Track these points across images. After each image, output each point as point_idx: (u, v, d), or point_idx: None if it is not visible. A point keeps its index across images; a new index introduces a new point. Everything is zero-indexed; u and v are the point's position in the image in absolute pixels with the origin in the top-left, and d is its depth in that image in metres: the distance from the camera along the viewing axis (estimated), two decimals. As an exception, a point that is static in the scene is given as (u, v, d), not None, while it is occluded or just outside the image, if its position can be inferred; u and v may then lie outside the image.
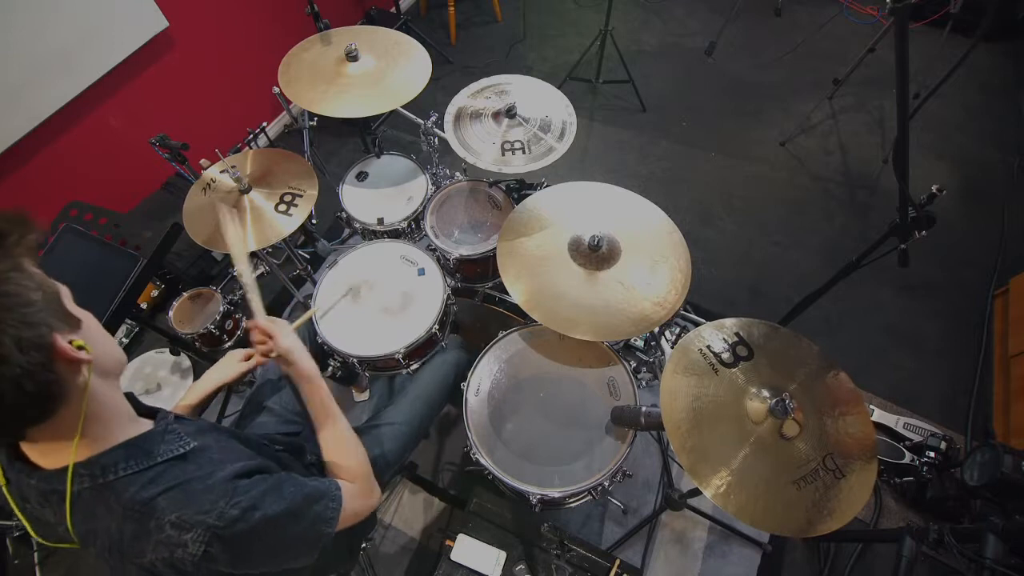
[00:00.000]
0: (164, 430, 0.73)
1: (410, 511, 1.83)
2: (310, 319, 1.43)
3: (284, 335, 1.03)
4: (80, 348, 0.61)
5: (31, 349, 0.55)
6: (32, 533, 0.70)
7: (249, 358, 1.16)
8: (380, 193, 1.82)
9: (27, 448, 0.67)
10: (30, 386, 0.56)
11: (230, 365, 1.14)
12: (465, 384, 1.39)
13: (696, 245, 2.41)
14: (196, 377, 2.12)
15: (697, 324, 1.61)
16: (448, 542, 1.35)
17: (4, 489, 0.70)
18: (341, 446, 1.00)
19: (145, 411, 0.79)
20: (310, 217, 1.62)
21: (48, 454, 0.66)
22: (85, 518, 0.67)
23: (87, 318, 0.67)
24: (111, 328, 1.69)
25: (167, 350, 2.19)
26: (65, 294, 0.64)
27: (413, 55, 1.69)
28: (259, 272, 2.39)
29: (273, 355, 1.04)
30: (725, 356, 1.11)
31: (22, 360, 0.54)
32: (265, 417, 1.29)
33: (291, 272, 2.08)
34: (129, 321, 2.23)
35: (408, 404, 1.39)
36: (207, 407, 1.14)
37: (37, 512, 0.70)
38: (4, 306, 0.54)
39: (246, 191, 1.48)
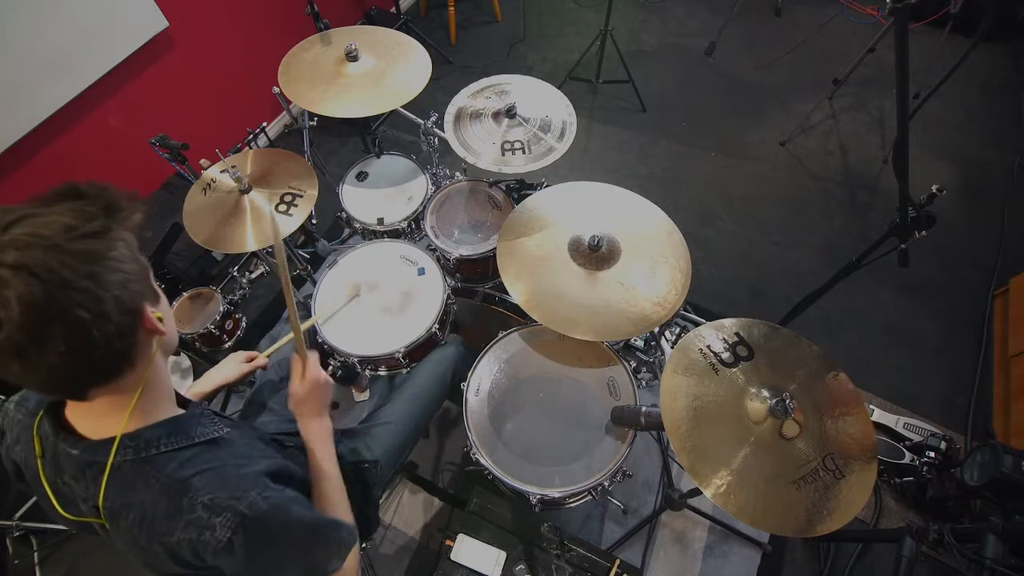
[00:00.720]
0: (200, 414, 0.77)
1: (410, 511, 1.83)
2: (312, 325, 1.43)
3: (296, 397, 0.99)
4: (159, 320, 0.66)
5: (126, 312, 0.60)
6: (56, 505, 0.71)
7: (251, 360, 1.16)
8: (380, 193, 1.82)
9: (76, 413, 0.70)
10: (118, 343, 0.61)
11: (232, 366, 1.15)
12: (465, 384, 1.39)
13: (696, 245, 2.41)
14: (196, 377, 2.12)
15: (697, 324, 1.61)
16: (448, 542, 1.35)
17: (38, 462, 0.71)
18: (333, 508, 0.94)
19: (179, 401, 0.81)
20: (310, 217, 1.62)
21: (99, 419, 0.69)
22: (121, 491, 0.68)
23: (163, 297, 0.71)
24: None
25: (167, 350, 2.18)
26: (150, 272, 0.68)
27: (413, 55, 1.69)
28: (259, 272, 2.40)
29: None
30: (725, 356, 1.11)
31: (119, 320, 0.59)
32: (266, 417, 1.29)
33: (291, 272, 2.08)
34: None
35: (405, 402, 1.39)
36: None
37: (66, 488, 0.72)
38: (112, 268, 0.58)
39: (246, 191, 1.48)
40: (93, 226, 0.58)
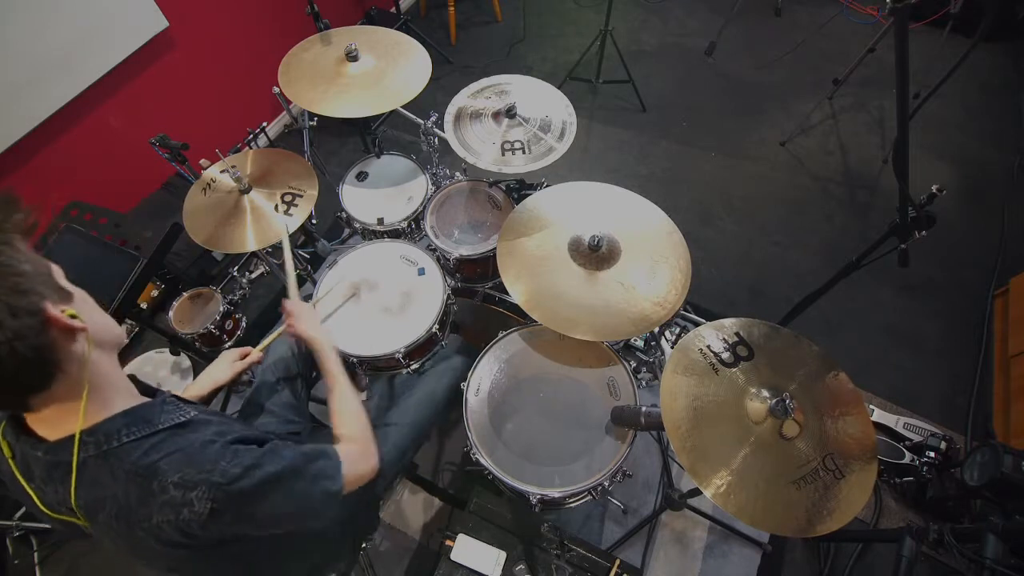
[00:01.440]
0: (163, 401, 0.76)
1: (410, 511, 1.83)
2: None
3: (302, 319, 1.14)
4: (72, 317, 0.64)
5: (23, 315, 0.58)
6: (39, 504, 0.71)
7: (243, 357, 1.16)
8: (380, 193, 1.82)
9: (32, 421, 0.70)
10: (25, 350, 0.59)
11: (224, 366, 1.16)
12: (465, 384, 1.39)
13: (696, 245, 2.41)
14: (196, 377, 2.13)
15: (697, 324, 1.61)
16: (448, 542, 1.35)
17: (10, 462, 0.71)
18: (343, 410, 1.03)
19: (145, 392, 0.81)
20: (310, 217, 1.62)
21: (52, 425, 0.69)
22: (91, 487, 0.69)
23: (79, 293, 0.69)
24: (111, 328, 1.69)
25: (167, 350, 2.19)
26: (56, 271, 0.67)
27: (413, 55, 1.69)
28: (259, 272, 2.40)
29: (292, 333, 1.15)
30: (725, 356, 1.11)
31: (15, 324, 0.57)
32: (265, 418, 1.29)
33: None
34: (129, 321, 2.23)
35: (413, 406, 1.39)
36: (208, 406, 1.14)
37: (39, 492, 0.71)
38: (4, 272, 0.58)
39: (246, 191, 1.48)
40: None
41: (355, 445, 0.96)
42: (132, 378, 0.78)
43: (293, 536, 0.88)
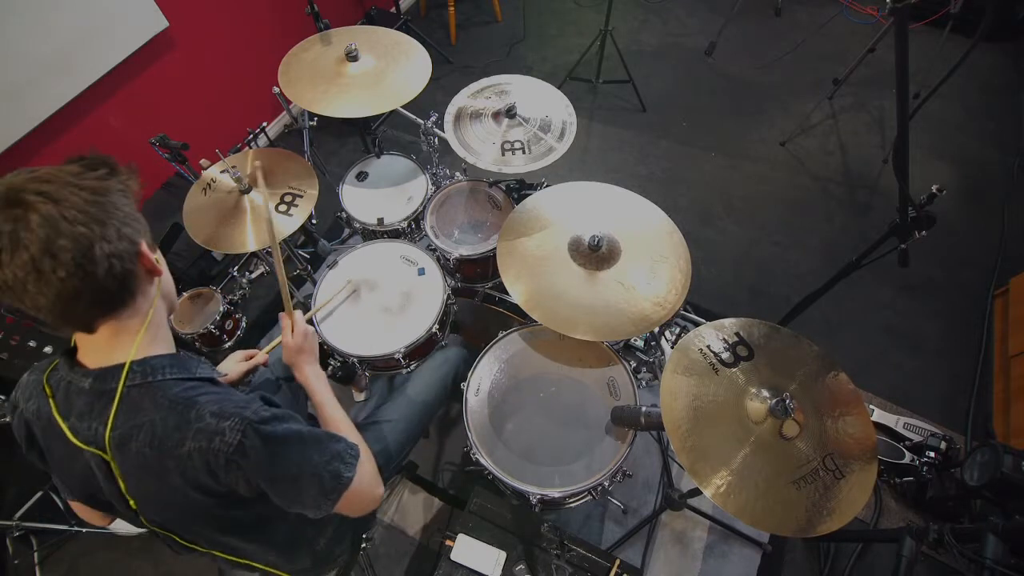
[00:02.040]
0: (199, 360, 0.83)
1: (410, 511, 1.83)
2: (311, 320, 1.44)
3: (295, 352, 1.11)
4: (158, 259, 0.76)
5: (126, 241, 0.70)
6: (72, 438, 0.75)
7: (250, 358, 1.17)
8: (380, 193, 1.82)
9: (85, 346, 0.77)
10: (118, 267, 0.68)
11: (231, 365, 1.17)
12: (465, 384, 1.39)
13: (696, 245, 2.41)
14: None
15: (697, 324, 1.61)
16: (448, 542, 1.35)
17: (50, 401, 0.76)
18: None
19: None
20: (310, 217, 1.62)
21: (106, 351, 0.75)
22: (130, 415, 0.73)
23: (159, 254, 0.80)
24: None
25: (167, 350, 2.18)
26: (147, 227, 0.77)
27: (413, 55, 1.69)
28: (259, 272, 2.39)
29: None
30: (725, 356, 1.11)
31: (119, 245, 0.68)
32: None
33: (291, 272, 2.08)
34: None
35: (406, 402, 1.39)
36: None
37: (74, 428, 0.75)
38: (115, 205, 0.69)
39: (246, 191, 1.48)
40: (98, 173, 0.71)
41: (369, 465, 0.95)
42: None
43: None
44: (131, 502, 0.78)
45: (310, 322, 1.45)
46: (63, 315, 0.69)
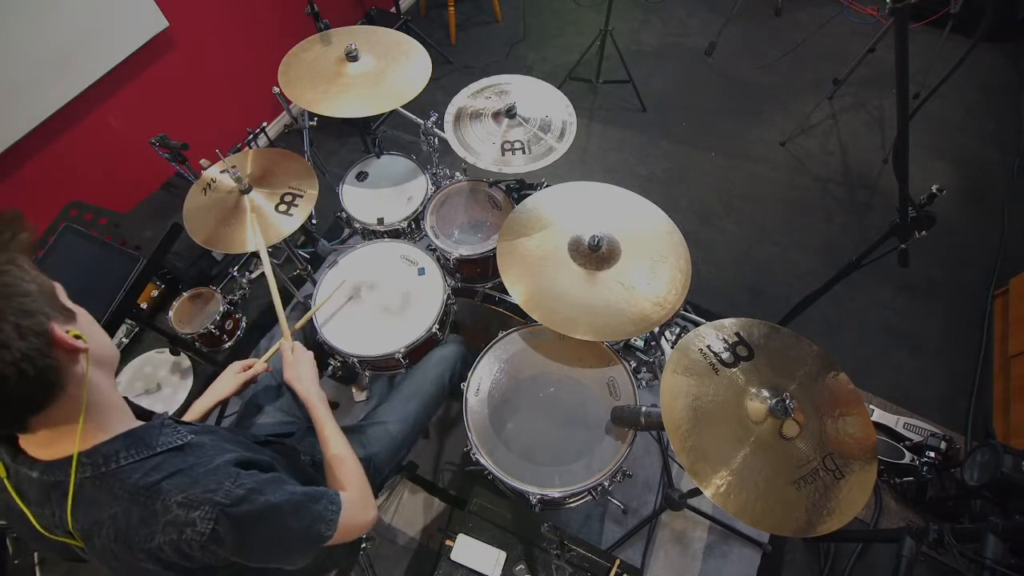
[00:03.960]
0: (161, 424, 0.75)
1: (410, 511, 1.83)
2: (311, 319, 1.44)
3: (293, 367, 1.14)
4: (77, 337, 0.64)
5: (30, 335, 0.58)
6: (36, 525, 0.70)
7: (247, 368, 1.17)
8: (380, 193, 1.82)
9: (28, 442, 0.68)
10: (31, 370, 0.58)
11: (229, 379, 1.15)
12: (465, 384, 1.39)
13: (696, 245, 2.42)
14: (196, 377, 2.13)
15: (697, 324, 1.61)
16: (448, 542, 1.35)
17: (5, 480, 0.70)
18: (340, 457, 1.01)
19: (141, 415, 0.79)
20: (310, 217, 1.62)
21: (49, 445, 0.67)
22: (88, 509, 0.67)
23: (80, 312, 0.69)
24: (111, 328, 1.69)
25: (167, 350, 2.19)
26: (59, 290, 0.67)
27: (413, 55, 1.69)
28: (259, 272, 2.39)
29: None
30: (725, 356, 1.11)
31: (22, 345, 0.57)
32: (263, 418, 1.29)
33: (291, 272, 2.08)
34: (129, 321, 2.23)
35: (403, 402, 1.39)
36: (207, 419, 1.15)
37: (38, 513, 0.70)
38: (3, 295, 0.58)
39: (246, 191, 1.48)
40: None
41: (355, 493, 0.95)
42: (125, 400, 0.77)
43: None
44: None
45: (310, 323, 1.45)
46: None
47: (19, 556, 1.79)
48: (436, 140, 1.81)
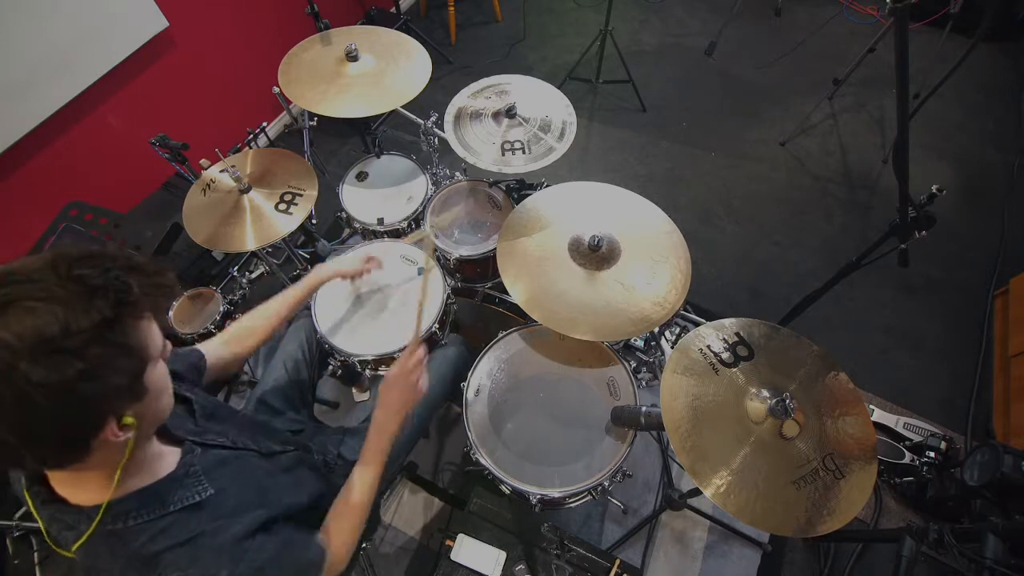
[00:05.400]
0: (185, 474, 0.73)
1: (410, 511, 1.83)
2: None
3: (396, 379, 1.03)
4: (126, 426, 0.61)
5: (80, 425, 0.57)
6: (44, 531, 0.69)
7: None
8: (380, 193, 1.82)
9: (51, 477, 0.67)
10: (70, 444, 0.57)
11: (354, 261, 1.34)
12: (465, 384, 1.39)
13: (696, 245, 2.40)
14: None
15: (697, 324, 1.61)
16: (448, 542, 1.35)
17: (25, 492, 0.68)
18: (353, 514, 0.96)
19: (172, 437, 0.78)
20: (310, 217, 1.62)
21: (72, 485, 0.66)
22: (89, 555, 0.66)
23: (150, 388, 0.63)
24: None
25: (167, 350, 2.18)
26: (155, 351, 0.63)
27: (413, 55, 1.69)
28: (259, 272, 2.39)
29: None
30: (725, 356, 1.11)
31: (69, 431, 0.56)
32: (268, 416, 1.29)
33: (291, 272, 2.08)
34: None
35: None
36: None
37: (47, 523, 0.69)
38: (87, 378, 0.54)
39: (246, 191, 1.48)
40: (77, 339, 0.53)
41: (344, 551, 0.91)
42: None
43: None
44: None
45: (312, 323, 1.45)
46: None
47: (19, 556, 1.79)
48: (436, 140, 1.81)
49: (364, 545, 1.37)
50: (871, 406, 1.98)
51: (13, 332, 0.50)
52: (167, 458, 0.75)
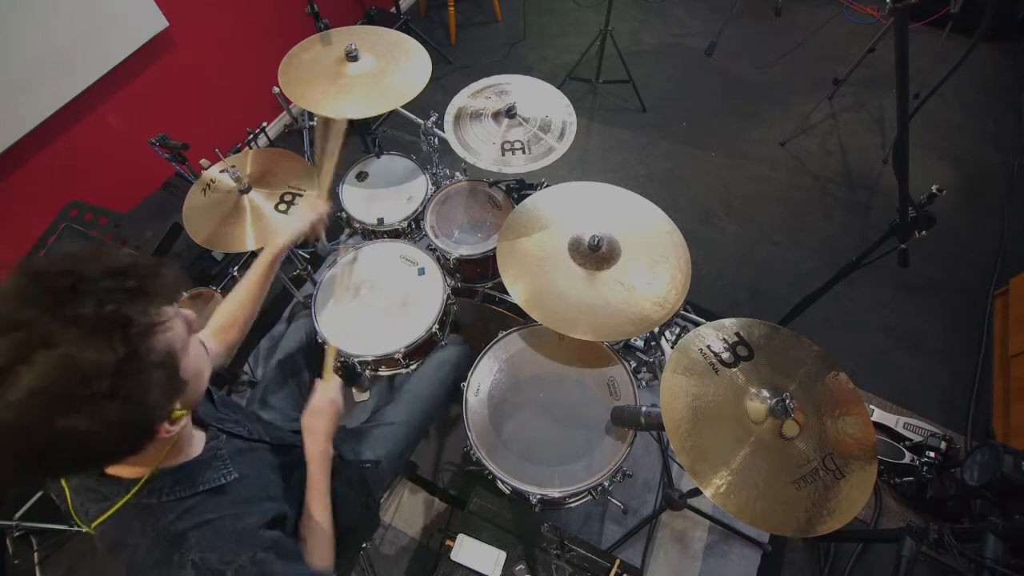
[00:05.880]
0: (212, 456, 0.77)
1: (410, 511, 1.83)
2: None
3: (315, 413, 1.06)
4: (176, 420, 0.64)
5: (132, 430, 0.58)
6: (70, 504, 0.71)
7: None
8: (380, 193, 1.82)
9: None
10: (123, 447, 0.60)
11: (305, 211, 1.26)
12: (465, 384, 1.39)
13: (696, 245, 2.41)
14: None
15: (697, 324, 1.61)
16: (448, 542, 1.35)
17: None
18: (320, 535, 0.97)
19: (199, 420, 0.81)
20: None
21: (114, 466, 0.68)
22: (117, 529, 0.69)
23: (194, 359, 0.66)
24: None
25: (167, 350, 2.18)
26: (182, 342, 0.63)
27: (413, 55, 1.69)
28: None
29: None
30: (725, 356, 1.11)
31: (119, 436, 0.57)
32: (270, 414, 1.30)
33: (291, 272, 2.08)
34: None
35: (407, 404, 1.39)
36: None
37: (73, 496, 0.72)
38: (128, 372, 0.54)
39: (246, 191, 1.48)
40: (102, 384, 0.52)
41: (325, 564, 0.92)
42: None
43: None
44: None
45: (312, 323, 1.45)
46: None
47: (19, 556, 1.79)
48: (436, 140, 1.81)
49: (364, 545, 1.37)
50: (871, 406, 1.98)
51: (33, 388, 0.49)
52: (196, 440, 0.78)
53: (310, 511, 0.96)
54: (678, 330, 1.92)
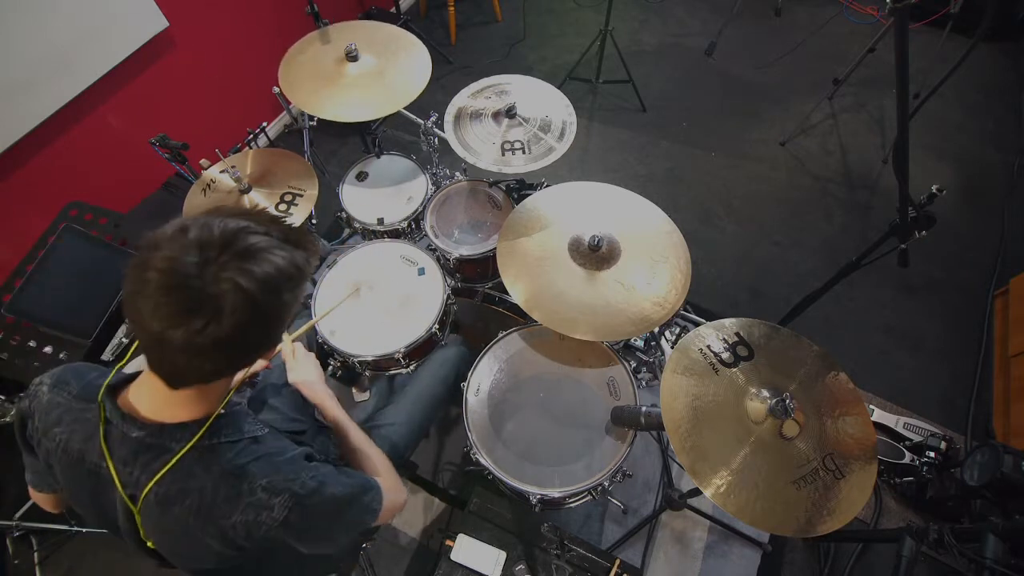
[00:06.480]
0: (245, 411, 0.82)
1: (410, 511, 1.83)
2: (312, 326, 1.43)
3: (296, 370, 1.15)
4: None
5: (269, 343, 0.70)
6: (116, 479, 0.72)
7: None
8: (380, 193, 1.82)
9: (141, 401, 0.73)
10: (252, 358, 0.69)
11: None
12: (465, 384, 1.39)
13: (696, 245, 2.41)
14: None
15: (697, 324, 1.61)
16: (448, 542, 1.35)
17: (100, 430, 0.72)
18: (363, 451, 1.05)
19: None
20: (310, 217, 1.62)
21: (165, 408, 0.72)
22: (179, 478, 0.71)
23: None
24: (111, 327, 1.69)
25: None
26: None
27: (413, 52, 1.69)
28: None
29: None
30: (725, 356, 1.11)
31: (262, 346, 0.69)
32: (269, 415, 1.29)
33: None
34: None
35: (408, 404, 1.39)
36: None
37: (119, 468, 0.72)
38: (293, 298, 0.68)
39: (246, 191, 1.48)
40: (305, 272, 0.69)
41: (388, 481, 0.99)
42: None
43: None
44: (149, 543, 0.78)
45: (314, 330, 1.45)
46: (183, 371, 0.66)
47: (19, 556, 1.79)
48: (436, 140, 1.81)
49: (364, 545, 1.37)
50: (871, 406, 1.98)
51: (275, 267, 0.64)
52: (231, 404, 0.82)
53: (347, 443, 1.05)
54: (678, 330, 1.92)
